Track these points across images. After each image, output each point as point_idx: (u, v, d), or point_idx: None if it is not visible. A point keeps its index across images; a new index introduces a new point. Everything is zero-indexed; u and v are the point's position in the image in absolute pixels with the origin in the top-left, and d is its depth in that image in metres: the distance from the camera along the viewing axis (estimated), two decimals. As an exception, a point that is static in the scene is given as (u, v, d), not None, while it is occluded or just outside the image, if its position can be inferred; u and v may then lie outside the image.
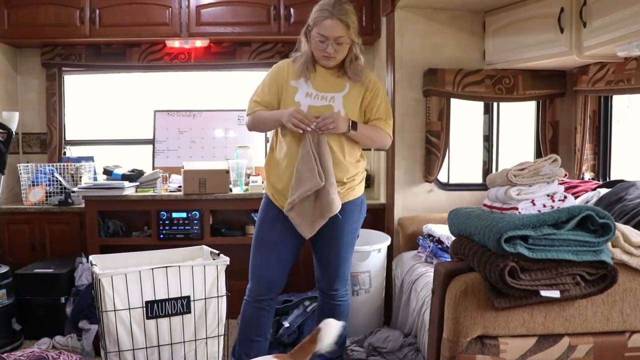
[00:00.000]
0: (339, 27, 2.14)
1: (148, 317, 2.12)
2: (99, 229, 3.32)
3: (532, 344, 1.58)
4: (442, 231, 2.75)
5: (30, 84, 3.85)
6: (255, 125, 2.35)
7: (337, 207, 2.20)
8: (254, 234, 2.37)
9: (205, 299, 2.22)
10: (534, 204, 1.62)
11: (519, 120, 3.55)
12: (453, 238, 1.90)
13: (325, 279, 2.38)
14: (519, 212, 1.61)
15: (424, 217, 3.12)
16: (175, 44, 3.72)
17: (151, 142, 3.85)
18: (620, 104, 3.11)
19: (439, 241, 2.77)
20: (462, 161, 3.65)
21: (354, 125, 2.22)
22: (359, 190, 2.37)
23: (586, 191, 2.57)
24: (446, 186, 3.29)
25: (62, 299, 3.09)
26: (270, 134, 2.50)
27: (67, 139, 3.94)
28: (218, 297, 2.25)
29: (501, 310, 1.56)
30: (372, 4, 3.52)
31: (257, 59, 3.78)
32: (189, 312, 2.19)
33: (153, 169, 3.72)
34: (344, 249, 2.34)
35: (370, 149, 2.25)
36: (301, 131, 2.15)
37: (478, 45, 3.18)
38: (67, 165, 3.60)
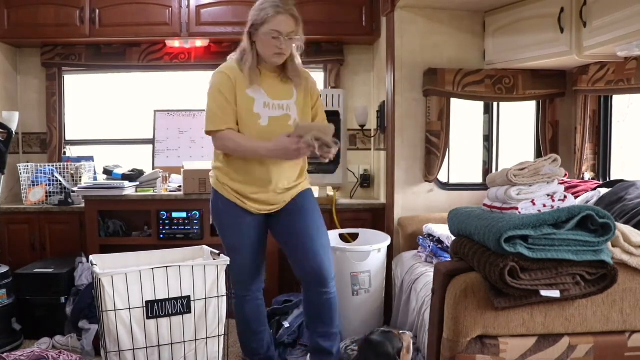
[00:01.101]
0: (290, 22, 2.14)
1: (148, 317, 2.12)
2: (99, 228, 3.32)
3: (532, 343, 1.58)
4: (442, 231, 2.75)
5: (30, 84, 3.85)
6: (230, 150, 2.23)
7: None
8: (223, 240, 2.38)
9: (205, 298, 2.22)
10: (534, 204, 1.62)
11: (519, 120, 3.54)
12: (453, 238, 1.90)
13: (309, 267, 2.26)
14: (519, 212, 1.61)
15: (424, 217, 3.12)
16: (175, 43, 3.72)
17: (151, 142, 3.85)
18: (620, 103, 3.11)
19: (439, 241, 2.77)
20: (462, 161, 3.65)
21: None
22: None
23: (586, 191, 2.57)
24: (446, 186, 3.29)
25: (62, 299, 3.09)
26: None
27: (67, 138, 3.94)
28: (218, 297, 2.24)
29: (501, 310, 1.56)
30: (372, 4, 3.52)
31: (257, 58, 3.78)
32: (189, 312, 2.19)
33: (153, 168, 3.72)
34: (319, 230, 2.31)
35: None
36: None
37: (478, 45, 3.18)
38: (67, 165, 3.60)
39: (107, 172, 3.53)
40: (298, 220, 2.31)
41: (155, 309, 2.13)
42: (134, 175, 3.45)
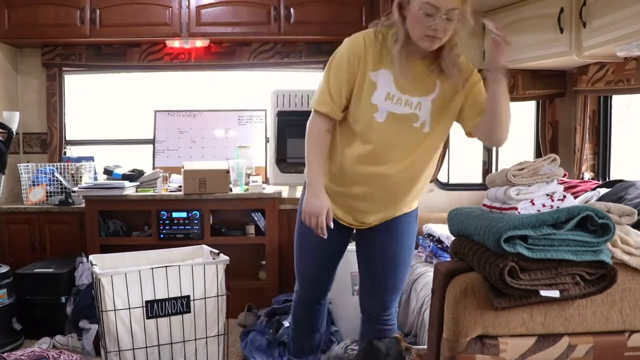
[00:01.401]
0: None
1: (148, 317, 2.12)
2: (99, 228, 3.32)
3: (531, 343, 1.58)
4: (442, 231, 2.76)
5: (31, 84, 3.85)
6: (307, 138, 1.83)
7: None
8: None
9: (205, 298, 2.22)
10: (533, 204, 1.62)
11: (518, 120, 3.55)
12: (453, 238, 1.90)
13: (377, 299, 2.00)
14: (519, 212, 1.61)
15: (424, 217, 3.11)
16: (175, 44, 3.72)
17: (151, 142, 3.85)
18: (620, 104, 3.11)
19: (439, 241, 2.77)
20: (462, 161, 3.65)
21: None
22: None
23: (586, 191, 2.57)
24: (446, 186, 3.29)
25: (63, 299, 3.09)
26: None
27: (67, 138, 3.94)
28: (218, 296, 2.25)
29: (501, 310, 1.56)
30: (372, 4, 3.52)
31: (257, 59, 3.78)
32: (189, 311, 2.20)
33: (153, 168, 3.72)
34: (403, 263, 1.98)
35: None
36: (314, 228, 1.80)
37: (478, 45, 3.18)
38: (68, 165, 3.60)
39: (108, 172, 3.53)
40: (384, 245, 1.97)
41: (155, 308, 2.13)
42: (134, 175, 3.45)
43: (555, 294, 1.51)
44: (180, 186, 3.39)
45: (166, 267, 2.16)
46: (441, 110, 1.79)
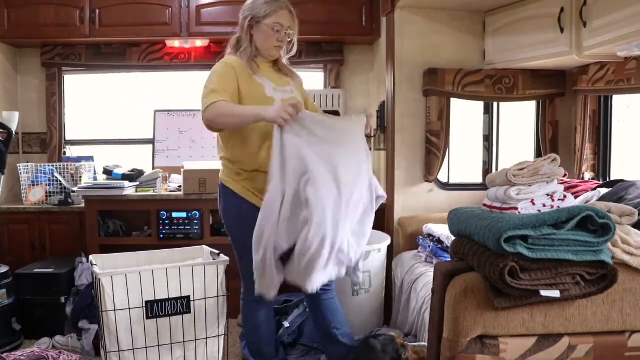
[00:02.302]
0: (290, 17, 2.24)
1: (148, 317, 2.12)
2: (99, 228, 3.32)
3: (532, 343, 1.58)
4: (442, 231, 2.75)
5: (30, 84, 3.85)
6: (218, 117, 2.08)
7: None
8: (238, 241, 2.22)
9: (205, 298, 2.22)
10: (533, 204, 1.62)
11: (519, 120, 3.54)
12: (453, 238, 1.90)
13: None
14: (519, 212, 1.61)
15: (424, 217, 3.12)
16: (175, 43, 3.72)
17: (151, 142, 3.85)
18: (620, 104, 3.11)
19: (439, 241, 2.77)
20: (462, 161, 3.65)
21: None
22: None
23: (586, 191, 2.57)
24: (446, 186, 3.29)
25: (62, 299, 3.09)
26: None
27: (67, 138, 3.94)
28: (218, 297, 2.25)
29: (501, 310, 1.56)
30: (372, 4, 3.52)
31: (257, 58, 3.78)
32: (189, 312, 2.19)
33: (153, 168, 3.72)
34: None
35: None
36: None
37: (478, 45, 3.18)
38: (67, 165, 3.60)
39: (107, 172, 3.53)
40: None
41: (155, 309, 2.13)
42: (134, 175, 3.44)
43: (555, 294, 1.51)
44: (180, 186, 3.38)
45: (166, 268, 2.16)
46: (302, 96, 2.34)
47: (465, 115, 3.53)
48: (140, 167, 3.56)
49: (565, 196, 1.64)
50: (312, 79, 3.97)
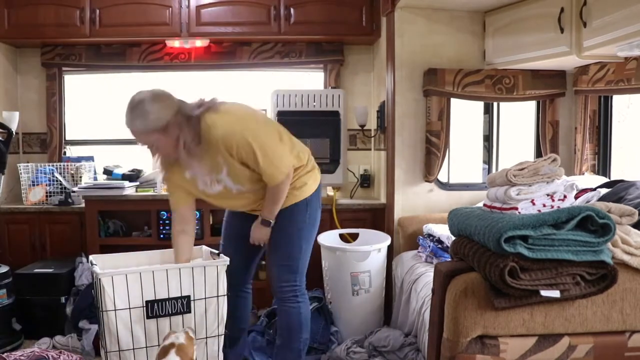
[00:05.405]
0: (136, 135, 2.08)
1: (148, 317, 2.12)
2: (99, 228, 3.32)
3: (532, 343, 1.58)
4: (442, 231, 2.75)
5: (30, 84, 3.85)
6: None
7: None
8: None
9: (205, 298, 2.22)
10: (533, 204, 1.62)
11: (519, 120, 3.55)
12: (453, 238, 1.90)
13: (271, 272, 2.39)
14: (519, 212, 1.61)
15: (424, 217, 3.12)
16: (175, 43, 3.72)
17: (151, 142, 3.84)
18: (620, 104, 3.11)
19: (439, 241, 2.77)
20: (462, 161, 3.65)
21: (267, 223, 2.27)
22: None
23: (586, 191, 2.57)
24: (446, 186, 3.29)
25: (62, 299, 3.09)
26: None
27: (67, 138, 3.94)
28: (218, 296, 2.24)
29: (501, 310, 1.56)
30: (372, 4, 3.52)
31: (257, 59, 3.78)
32: (189, 311, 2.19)
33: (153, 168, 3.71)
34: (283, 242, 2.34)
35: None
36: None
37: (478, 45, 3.18)
38: (67, 165, 3.60)
39: (107, 172, 3.53)
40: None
41: (155, 308, 2.13)
42: (134, 175, 3.45)
43: (555, 294, 1.51)
44: (180, 186, 3.38)
45: (167, 268, 2.16)
46: (235, 172, 2.23)
47: (465, 115, 3.53)
48: (140, 167, 3.56)
49: (565, 196, 1.64)
50: (312, 79, 3.98)
